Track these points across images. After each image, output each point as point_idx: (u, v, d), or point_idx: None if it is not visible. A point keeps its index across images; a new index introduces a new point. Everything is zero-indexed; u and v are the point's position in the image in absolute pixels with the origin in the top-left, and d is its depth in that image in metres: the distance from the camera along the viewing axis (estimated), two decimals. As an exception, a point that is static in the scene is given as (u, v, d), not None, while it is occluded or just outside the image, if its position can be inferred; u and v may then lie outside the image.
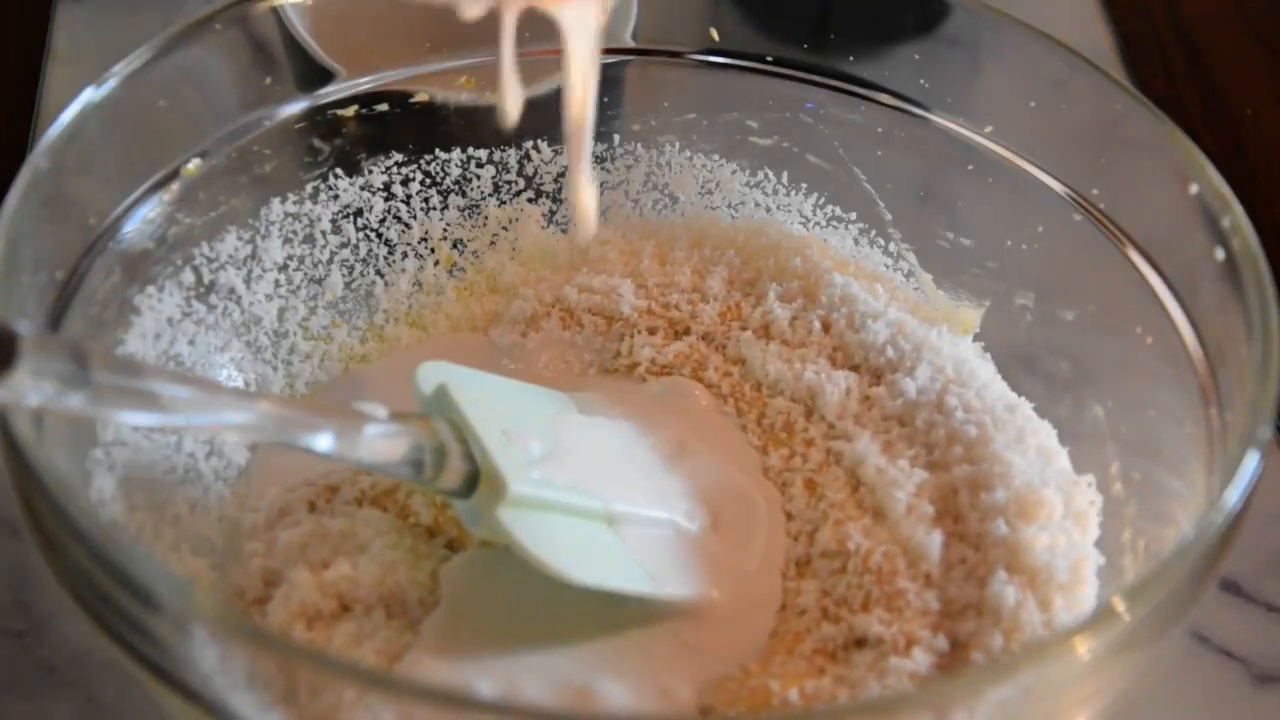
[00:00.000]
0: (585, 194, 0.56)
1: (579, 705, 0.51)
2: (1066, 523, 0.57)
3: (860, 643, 0.54)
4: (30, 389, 0.42)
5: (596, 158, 0.71)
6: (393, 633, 0.54)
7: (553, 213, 0.71)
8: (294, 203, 0.66)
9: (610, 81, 0.70)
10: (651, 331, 0.66)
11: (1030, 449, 0.59)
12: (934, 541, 0.55)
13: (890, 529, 0.56)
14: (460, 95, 0.68)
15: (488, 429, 0.54)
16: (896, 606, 0.54)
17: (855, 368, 0.63)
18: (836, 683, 0.52)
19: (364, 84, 0.67)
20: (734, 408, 0.63)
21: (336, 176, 0.67)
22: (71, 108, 0.56)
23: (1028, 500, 0.56)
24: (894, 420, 0.61)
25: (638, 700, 0.52)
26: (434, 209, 0.69)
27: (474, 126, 0.69)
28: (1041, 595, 0.54)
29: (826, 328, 0.65)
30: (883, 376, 0.63)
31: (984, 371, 0.64)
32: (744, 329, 0.65)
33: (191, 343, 0.61)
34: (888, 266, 0.69)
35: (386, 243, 0.69)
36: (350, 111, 0.66)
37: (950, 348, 0.63)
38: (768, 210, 0.71)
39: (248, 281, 0.64)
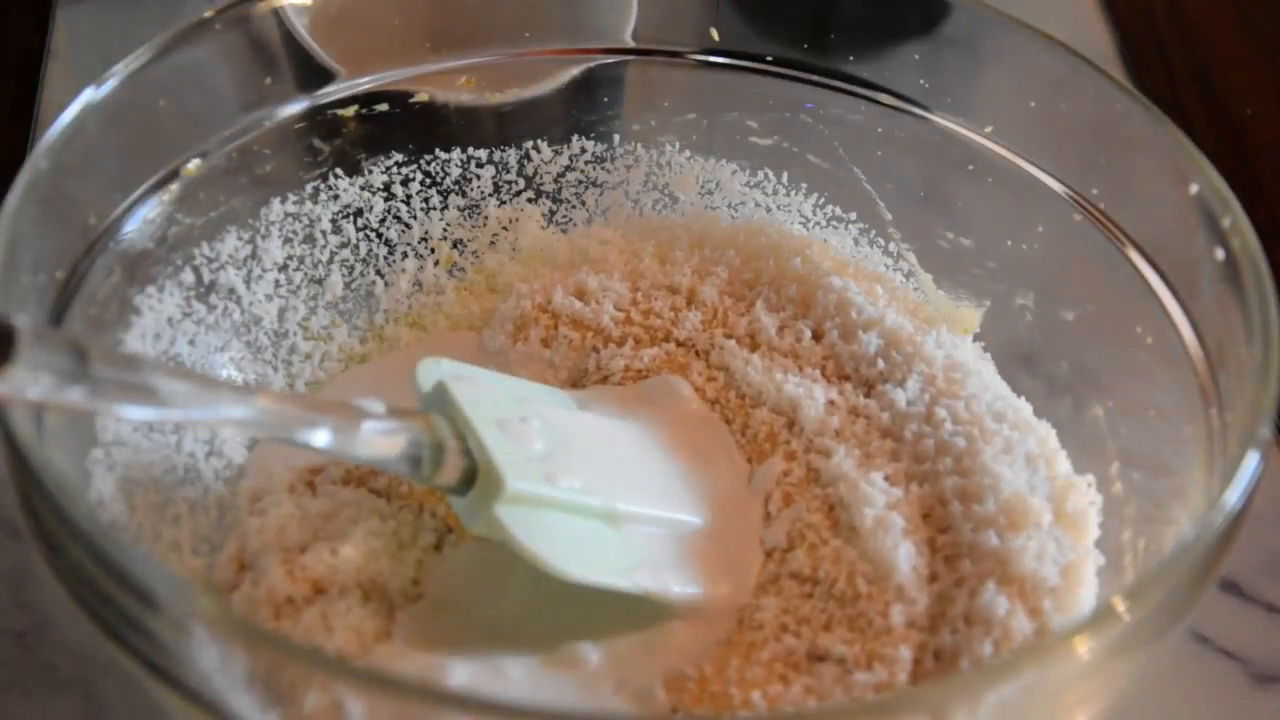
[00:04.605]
0: None
1: (563, 668, 0.52)
2: (1056, 529, 0.57)
3: (821, 657, 0.53)
4: (30, 383, 0.42)
5: (596, 158, 0.71)
6: (368, 613, 0.54)
7: (552, 213, 0.71)
8: (294, 203, 0.66)
9: (610, 81, 0.70)
10: (619, 343, 0.65)
11: (1019, 458, 0.59)
12: (903, 555, 0.55)
13: (860, 545, 0.56)
14: (460, 95, 0.68)
15: (486, 426, 0.54)
16: (859, 627, 0.53)
17: (846, 378, 0.63)
18: (806, 692, 0.52)
19: (364, 84, 0.66)
20: (720, 414, 0.63)
21: (336, 176, 0.67)
22: (71, 108, 0.56)
23: (1015, 510, 0.56)
24: (881, 432, 0.60)
25: (616, 672, 0.52)
26: (434, 209, 0.69)
27: (474, 126, 0.69)
28: (1031, 603, 0.54)
29: (818, 337, 0.64)
30: (874, 387, 0.62)
31: (978, 377, 0.63)
32: (729, 337, 0.65)
33: (192, 343, 0.61)
34: (888, 266, 0.69)
35: (386, 243, 0.69)
36: (350, 111, 0.66)
37: (946, 352, 0.63)
38: (768, 210, 0.70)
39: (248, 281, 0.64)
